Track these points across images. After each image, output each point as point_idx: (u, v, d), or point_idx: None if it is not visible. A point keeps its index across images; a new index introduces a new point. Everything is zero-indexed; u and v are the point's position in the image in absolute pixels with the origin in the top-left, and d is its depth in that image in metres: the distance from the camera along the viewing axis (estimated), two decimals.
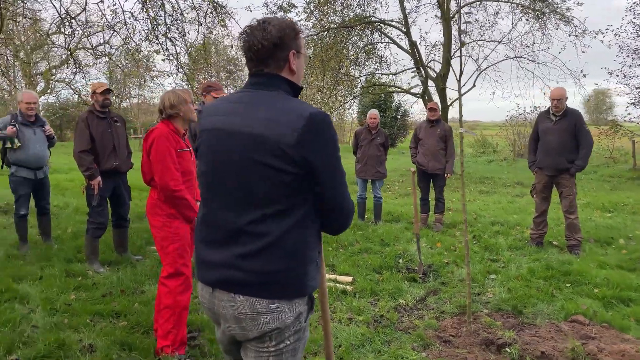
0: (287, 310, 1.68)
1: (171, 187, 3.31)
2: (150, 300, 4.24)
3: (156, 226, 3.43)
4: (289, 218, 1.65)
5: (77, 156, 5.06)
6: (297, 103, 1.68)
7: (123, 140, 5.42)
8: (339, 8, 14.25)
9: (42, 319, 3.81)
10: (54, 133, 6.00)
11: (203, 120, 1.82)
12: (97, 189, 5.12)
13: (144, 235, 6.48)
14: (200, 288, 1.81)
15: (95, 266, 5.17)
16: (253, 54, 1.71)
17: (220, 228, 1.71)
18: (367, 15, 15.03)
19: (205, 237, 1.77)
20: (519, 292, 4.59)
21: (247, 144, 1.63)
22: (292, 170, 1.60)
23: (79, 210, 8.21)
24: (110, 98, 5.28)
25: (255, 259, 1.64)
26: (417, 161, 7.41)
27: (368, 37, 15.43)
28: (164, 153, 3.33)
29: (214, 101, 1.89)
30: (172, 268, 3.38)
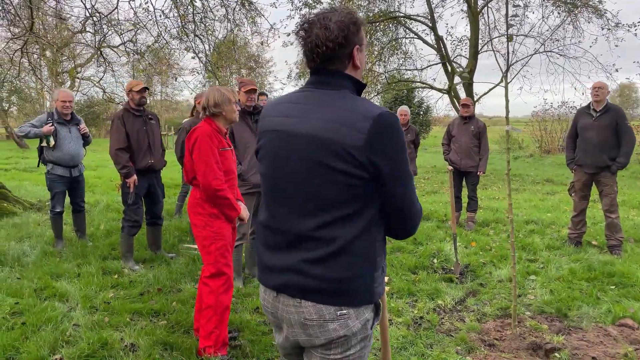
0: (355, 318, 1.62)
1: (214, 186, 3.28)
2: (189, 299, 4.24)
3: (198, 225, 3.40)
4: (356, 223, 1.59)
5: (113, 154, 5.08)
6: (363, 103, 1.61)
7: (158, 138, 5.43)
8: (364, 3, 14.12)
9: (83, 317, 3.83)
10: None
11: (263, 121, 1.76)
12: (133, 187, 5.14)
13: (175, 233, 6.51)
14: (263, 291, 1.76)
15: (130, 264, 5.19)
16: (316, 55, 1.64)
17: (284, 232, 1.65)
18: (392, 11, 14.88)
19: (268, 242, 1.72)
20: (562, 294, 4.46)
21: (311, 146, 1.57)
22: (359, 174, 1.54)
23: (109, 207, 8.29)
24: (146, 96, 5.28)
25: (322, 265, 1.58)
26: (450, 159, 7.28)
27: (393, 33, 15.28)
28: (207, 152, 3.29)
29: (273, 101, 1.83)
30: (214, 268, 3.35)
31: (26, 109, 35.66)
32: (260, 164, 1.75)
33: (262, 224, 1.75)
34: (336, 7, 1.71)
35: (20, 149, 23.70)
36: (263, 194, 1.76)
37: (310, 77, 1.71)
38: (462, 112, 7.23)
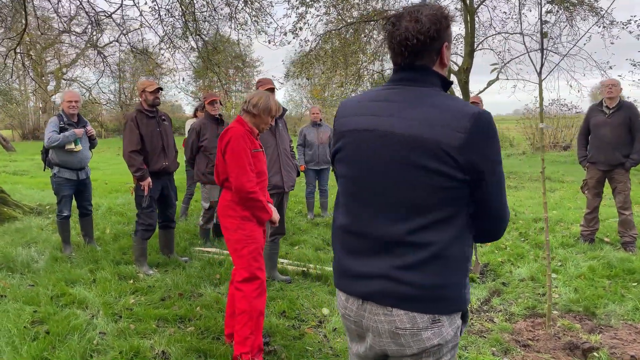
0: (448, 325, 1.56)
1: (247, 188, 3.19)
2: (212, 304, 4.14)
3: (229, 228, 3.31)
4: (451, 227, 1.52)
5: (127, 156, 4.95)
6: (457, 100, 1.54)
7: (171, 140, 5.31)
8: (360, 2, 14.05)
9: (107, 325, 3.71)
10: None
11: (342, 121, 1.69)
12: (147, 190, 5.02)
13: (185, 236, 6.39)
14: (344, 299, 1.68)
15: (144, 268, 5.07)
16: (405, 48, 1.56)
17: (372, 237, 1.58)
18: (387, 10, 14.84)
19: (351, 247, 1.64)
20: (587, 292, 4.45)
21: (404, 147, 1.50)
22: (456, 175, 1.47)
23: (112, 210, 8.13)
24: (160, 97, 5.16)
25: (416, 271, 1.51)
26: None
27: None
28: (240, 153, 3.21)
29: (349, 100, 1.75)
30: (247, 272, 3.26)
31: (11, 110, 35.08)
32: (341, 165, 1.68)
33: (342, 228, 1.68)
34: (426, 2, 1.64)
35: (7, 152, 23.24)
36: (343, 196, 1.69)
37: (395, 74, 1.63)
38: None
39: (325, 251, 5.87)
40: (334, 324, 3.85)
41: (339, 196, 1.76)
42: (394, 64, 1.64)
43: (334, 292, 4.50)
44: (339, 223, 1.70)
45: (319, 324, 3.90)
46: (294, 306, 4.15)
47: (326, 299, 4.32)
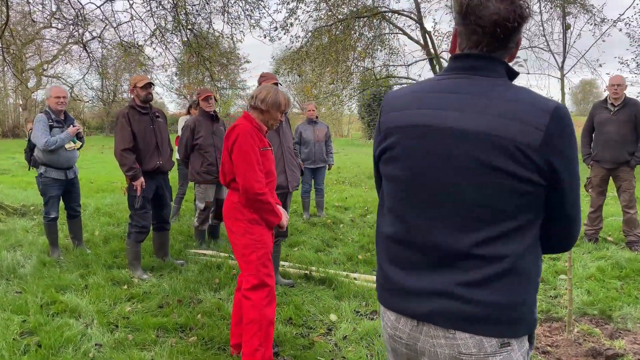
0: (517, 349, 1.36)
1: (255, 189, 2.98)
2: (213, 311, 3.92)
3: (236, 232, 3.09)
4: (525, 237, 1.33)
5: (118, 155, 4.70)
6: (534, 94, 1.35)
7: (166, 137, 5.06)
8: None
9: (103, 335, 3.47)
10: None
11: (392, 115, 1.47)
12: (141, 190, 4.77)
13: (179, 238, 6.14)
14: (394, 319, 1.48)
15: (138, 273, 4.82)
16: (501, 30, 1.33)
17: (430, 249, 1.38)
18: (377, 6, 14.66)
19: (403, 260, 1.44)
20: (600, 295, 4.32)
21: (474, 145, 1.30)
22: (533, 178, 1.28)
23: (100, 210, 7.83)
24: (152, 92, 4.91)
25: (485, 288, 1.32)
26: None
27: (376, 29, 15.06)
28: (249, 152, 2.99)
29: (400, 91, 1.54)
30: (256, 279, 3.05)
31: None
32: (390, 166, 1.47)
33: (391, 238, 1.47)
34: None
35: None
36: (392, 201, 1.48)
37: (459, 62, 1.42)
38: None
39: (326, 253, 5.67)
40: (343, 331, 3.65)
41: (383, 201, 1.56)
42: (459, 47, 1.43)
43: (340, 296, 4.31)
44: (387, 232, 1.50)
45: (328, 332, 3.70)
46: (300, 312, 3.94)
47: (333, 304, 4.13)
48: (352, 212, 8.20)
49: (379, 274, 1.54)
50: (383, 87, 15.41)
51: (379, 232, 1.54)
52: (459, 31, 1.43)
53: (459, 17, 1.39)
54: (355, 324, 3.79)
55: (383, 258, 1.51)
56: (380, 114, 1.54)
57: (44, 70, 33.79)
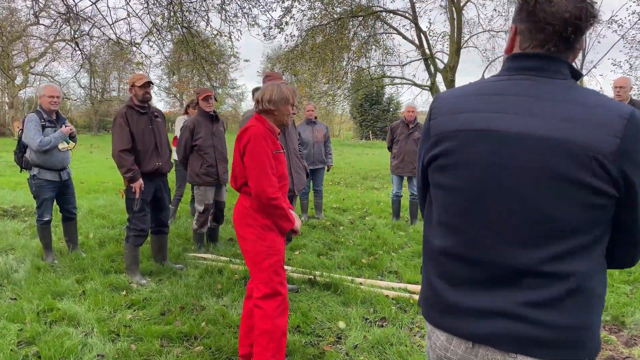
0: None
1: (268, 193, 2.85)
2: (218, 318, 3.78)
3: (248, 239, 2.97)
4: (592, 255, 1.23)
5: (116, 156, 4.54)
6: (606, 98, 1.25)
7: (165, 138, 4.91)
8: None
9: (104, 345, 3.32)
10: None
11: (445, 119, 1.36)
12: (139, 192, 4.61)
13: (177, 241, 5.99)
14: (445, 340, 1.37)
15: (137, 278, 4.67)
16: (572, 29, 1.23)
17: (489, 265, 1.27)
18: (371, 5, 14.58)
19: (457, 276, 1.33)
20: (611, 300, 4.25)
21: (542, 153, 1.19)
22: (607, 190, 1.18)
23: (93, 212, 7.65)
24: (150, 92, 4.75)
25: (550, 309, 1.21)
26: None
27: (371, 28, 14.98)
28: (261, 155, 2.87)
29: (451, 93, 1.43)
30: (268, 288, 2.93)
31: None
32: (442, 174, 1.35)
33: (445, 252, 1.36)
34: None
35: None
36: (445, 212, 1.36)
37: (520, 62, 1.31)
38: None
39: (329, 257, 5.56)
40: (353, 339, 3.54)
41: (431, 211, 1.45)
42: (523, 48, 1.32)
43: (347, 303, 4.20)
44: (438, 245, 1.38)
45: (338, 340, 3.59)
46: (308, 320, 3.82)
47: (340, 311, 4.01)
48: (350, 214, 8.09)
49: (427, 290, 1.43)
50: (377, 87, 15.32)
51: (428, 245, 1.43)
52: (520, 29, 1.32)
53: (524, 13, 1.29)
54: (365, 331, 3.68)
55: (432, 273, 1.40)
56: (430, 117, 1.43)
57: (30, 67, 33.26)
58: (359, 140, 28.80)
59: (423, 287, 1.47)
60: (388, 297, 4.29)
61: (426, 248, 1.45)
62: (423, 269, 1.47)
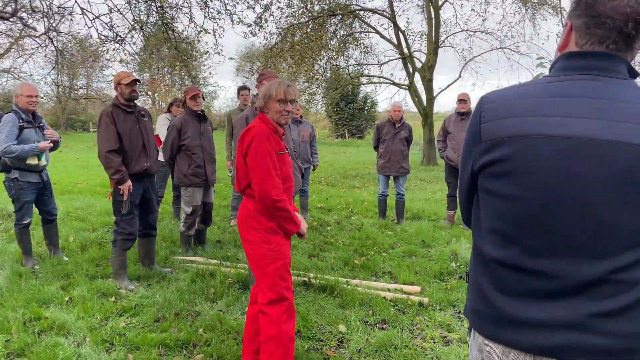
0: None
1: (272, 195, 2.76)
2: (215, 324, 3.67)
3: (252, 242, 2.87)
4: None
5: (103, 157, 4.36)
6: None
7: (152, 138, 4.75)
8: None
9: (99, 356, 3.17)
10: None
11: (502, 123, 1.28)
12: (128, 194, 4.45)
13: (163, 244, 5.82)
14: (500, 352, 1.31)
15: (125, 283, 4.51)
16: (627, 25, 1.18)
17: (553, 276, 1.21)
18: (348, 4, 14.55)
19: (515, 287, 1.27)
20: None
21: (613, 158, 1.14)
22: None
23: (70, 214, 7.39)
24: (137, 90, 4.59)
25: (622, 317, 1.17)
26: (446, 156, 7.05)
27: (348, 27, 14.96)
28: (265, 156, 2.77)
29: (500, 94, 1.36)
30: (274, 293, 2.84)
31: None
32: (500, 180, 1.28)
33: (501, 262, 1.29)
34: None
35: None
36: (503, 220, 1.29)
37: (575, 60, 1.26)
38: (459, 108, 7.01)
39: (321, 258, 5.49)
40: (355, 343, 3.48)
41: (479, 217, 1.39)
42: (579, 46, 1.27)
43: (345, 305, 4.13)
44: (493, 255, 1.32)
45: (340, 344, 3.52)
46: (308, 324, 3.75)
47: (339, 314, 3.95)
48: (336, 214, 8.04)
49: (478, 301, 1.37)
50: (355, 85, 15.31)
51: (480, 254, 1.37)
52: (577, 25, 1.27)
53: (581, 8, 1.23)
54: (366, 334, 3.62)
55: (486, 283, 1.34)
56: (480, 119, 1.35)
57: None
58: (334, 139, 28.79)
59: (473, 297, 1.40)
60: (385, 299, 4.25)
61: (476, 256, 1.39)
62: (472, 278, 1.41)
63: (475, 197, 1.43)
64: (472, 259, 1.43)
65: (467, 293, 1.47)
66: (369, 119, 29.62)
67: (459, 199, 1.57)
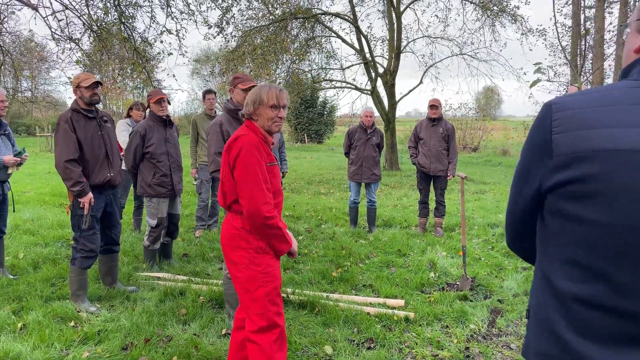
0: None
1: (263, 212, 2.50)
2: (191, 351, 3.35)
3: (239, 264, 2.60)
4: None
5: (62, 167, 3.96)
6: None
7: (115, 146, 4.37)
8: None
9: None
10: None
11: (580, 134, 1.09)
12: (88, 208, 4.06)
13: (124, 259, 5.41)
14: None
15: (85, 305, 4.11)
16: None
17: None
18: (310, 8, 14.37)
19: (598, 328, 1.08)
20: None
21: None
22: None
23: (19, 227, 6.82)
24: (99, 93, 4.21)
25: None
26: (418, 162, 6.94)
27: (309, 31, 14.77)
28: (255, 168, 2.51)
29: (573, 100, 1.16)
30: (264, 320, 2.57)
31: None
32: (580, 204, 1.08)
33: (582, 299, 1.09)
34: None
35: None
36: (589, 252, 1.09)
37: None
38: (430, 114, 6.92)
39: (296, 270, 5.22)
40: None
41: (550, 244, 1.18)
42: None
43: (328, 323, 3.89)
44: (568, 289, 1.12)
45: None
46: (292, 346, 3.48)
47: (324, 334, 3.70)
48: (305, 222, 7.78)
49: (550, 343, 1.16)
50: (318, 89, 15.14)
51: (552, 287, 1.16)
52: None
53: None
54: (354, 355, 3.40)
55: (561, 323, 1.14)
56: (551, 129, 1.15)
57: None
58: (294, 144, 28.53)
59: (540, 338, 1.20)
60: (370, 315, 4.04)
61: (546, 288, 1.18)
62: (541, 313, 1.20)
63: (540, 219, 1.24)
64: (538, 291, 1.22)
65: (528, 329, 1.27)
66: (329, 124, 29.55)
67: (508, 219, 1.37)
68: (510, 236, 1.39)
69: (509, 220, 1.37)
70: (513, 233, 1.37)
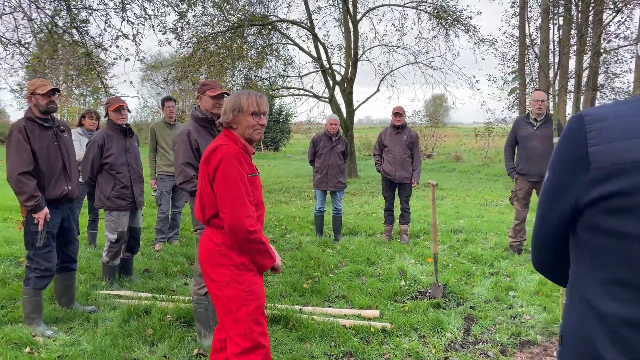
0: None
1: (246, 226, 2.37)
2: None
3: (220, 282, 2.44)
4: None
5: (14, 180, 3.67)
6: None
7: (73, 157, 4.10)
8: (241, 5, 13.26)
9: None
10: None
11: (621, 145, 1.04)
12: (44, 224, 3.78)
13: (81, 277, 5.08)
14: None
15: (41, 328, 3.81)
16: None
17: None
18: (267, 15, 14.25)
19: None
20: (556, 311, 4.31)
21: None
22: None
23: None
24: (56, 101, 3.94)
25: None
26: (383, 169, 6.93)
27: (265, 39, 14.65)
28: (237, 180, 2.37)
29: (609, 110, 1.10)
30: (248, 341, 2.43)
31: None
32: (626, 219, 1.01)
33: (633, 322, 1.03)
34: None
35: None
36: (632, 270, 1.04)
37: None
38: (394, 121, 6.93)
39: (265, 283, 5.06)
40: None
41: (587, 263, 1.12)
42: None
43: (304, 338, 3.77)
44: (615, 312, 1.05)
45: None
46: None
47: (301, 350, 3.57)
48: (269, 232, 7.62)
49: None
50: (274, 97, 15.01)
51: (593, 308, 1.09)
52: None
53: None
54: None
55: (606, 347, 1.07)
56: (586, 142, 1.08)
57: None
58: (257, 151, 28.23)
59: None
60: (346, 327, 3.94)
61: (586, 311, 1.11)
62: (582, 340, 1.13)
63: (573, 238, 1.17)
64: (577, 316, 1.15)
65: (563, 347, 1.19)
66: (285, 131, 29.42)
67: (537, 240, 1.30)
68: (540, 258, 1.32)
69: (539, 241, 1.29)
70: (544, 253, 1.30)
